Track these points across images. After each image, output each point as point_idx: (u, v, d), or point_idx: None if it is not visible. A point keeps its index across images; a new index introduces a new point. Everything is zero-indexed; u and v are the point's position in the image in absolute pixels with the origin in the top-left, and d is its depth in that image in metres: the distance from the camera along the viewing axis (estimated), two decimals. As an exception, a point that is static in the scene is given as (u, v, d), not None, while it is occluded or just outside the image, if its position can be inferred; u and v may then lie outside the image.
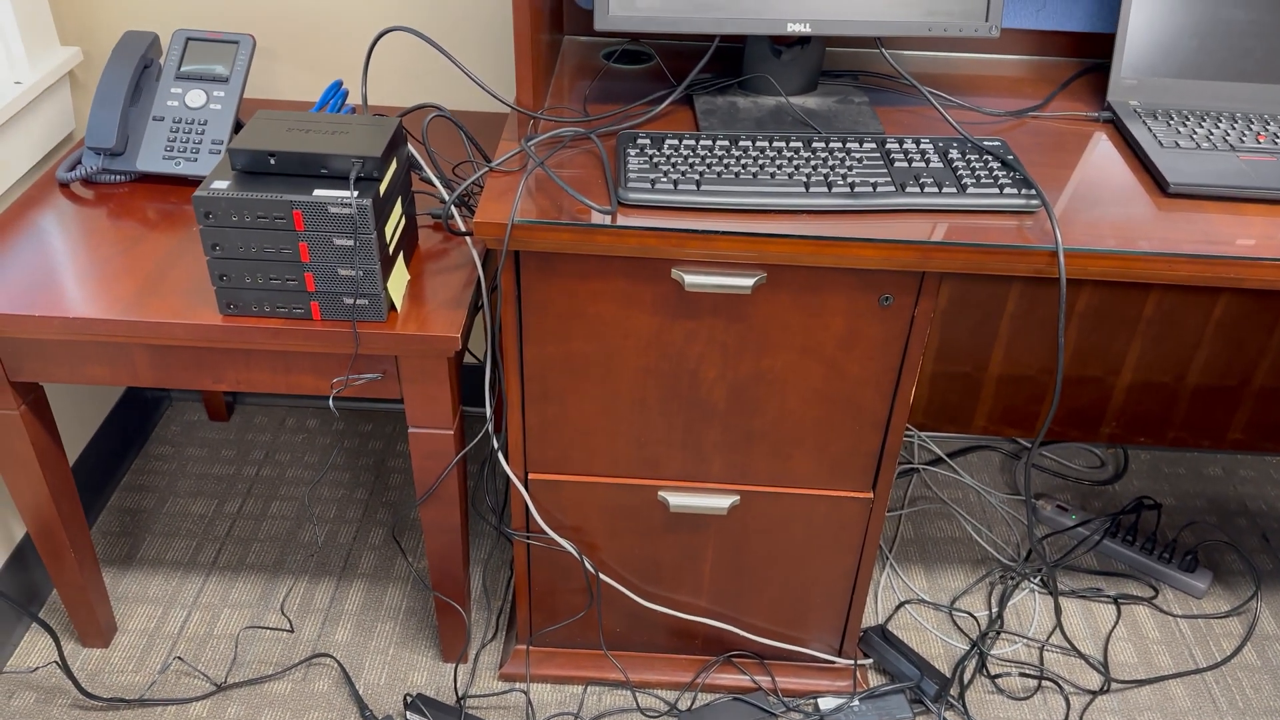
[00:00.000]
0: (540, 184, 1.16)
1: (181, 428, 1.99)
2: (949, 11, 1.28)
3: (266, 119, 1.17)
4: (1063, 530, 1.83)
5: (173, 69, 1.41)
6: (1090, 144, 1.32)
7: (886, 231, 1.10)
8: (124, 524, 1.78)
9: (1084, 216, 1.15)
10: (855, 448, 1.30)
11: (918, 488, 1.92)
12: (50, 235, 1.31)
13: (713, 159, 1.18)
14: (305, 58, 1.62)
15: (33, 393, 1.30)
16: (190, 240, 1.30)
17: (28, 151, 1.52)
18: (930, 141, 1.23)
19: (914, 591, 1.72)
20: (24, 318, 1.17)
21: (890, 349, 1.21)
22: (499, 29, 1.58)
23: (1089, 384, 1.83)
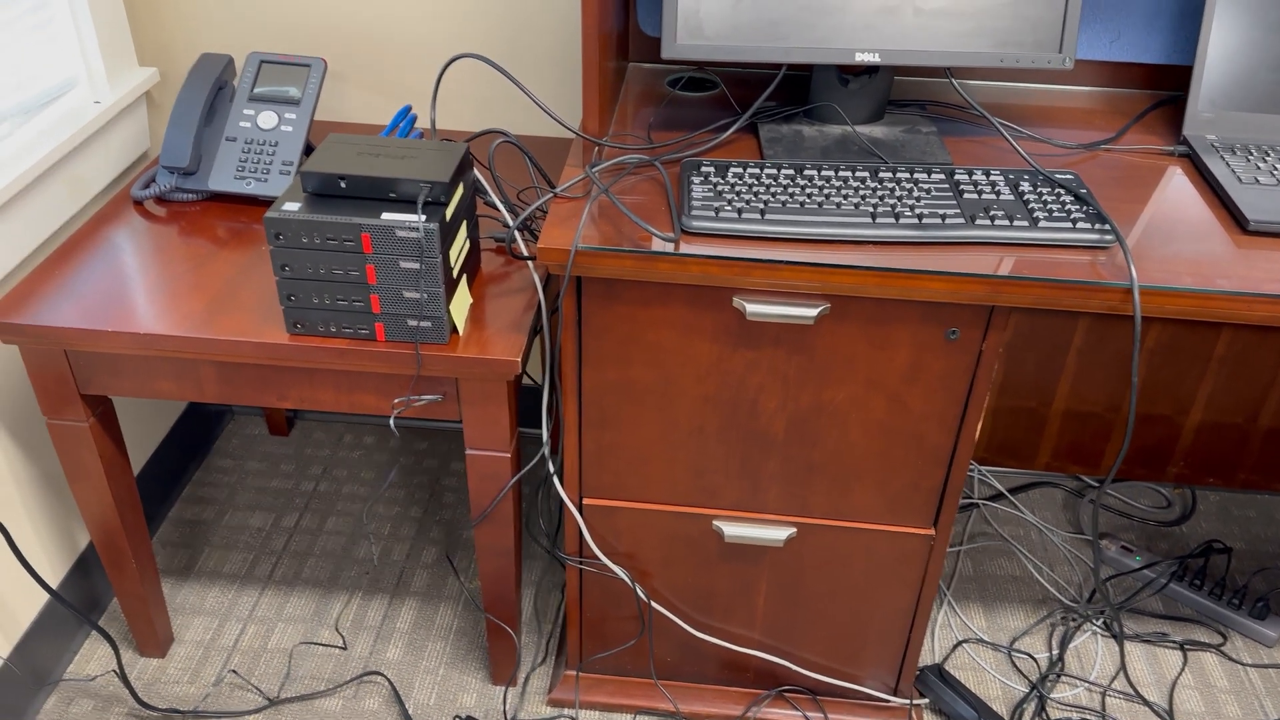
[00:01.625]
0: (604, 210, 1.16)
1: (242, 441, 2.02)
2: (1021, 43, 1.26)
3: (338, 143, 1.18)
4: (1127, 572, 1.78)
5: (246, 91, 1.44)
6: (1165, 178, 1.29)
7: (955, 264, 1.09)
8: (183, 535, 1.81)
9: (1159, 253, 1.13)
10: (917, 483, 1.27)
11: (977, 523, 1.88)
12: (124, 251, 1.34)
13: (777, 188, 1.17)
14: (373, 81, 1.64)
15: (102, 405, 1.33)
16: (258, 259, 1.32)
17: (104, 169, 1.56)
18: (1000, 173, 1.21)
19: (972, 630, 1.68)
20: (96, 332, 1.20)
21: (956, 383, 1.18)
22: (564, 54, 1.59)
23: (1157, 422, 1.78)
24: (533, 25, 1.56)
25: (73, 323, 1.20)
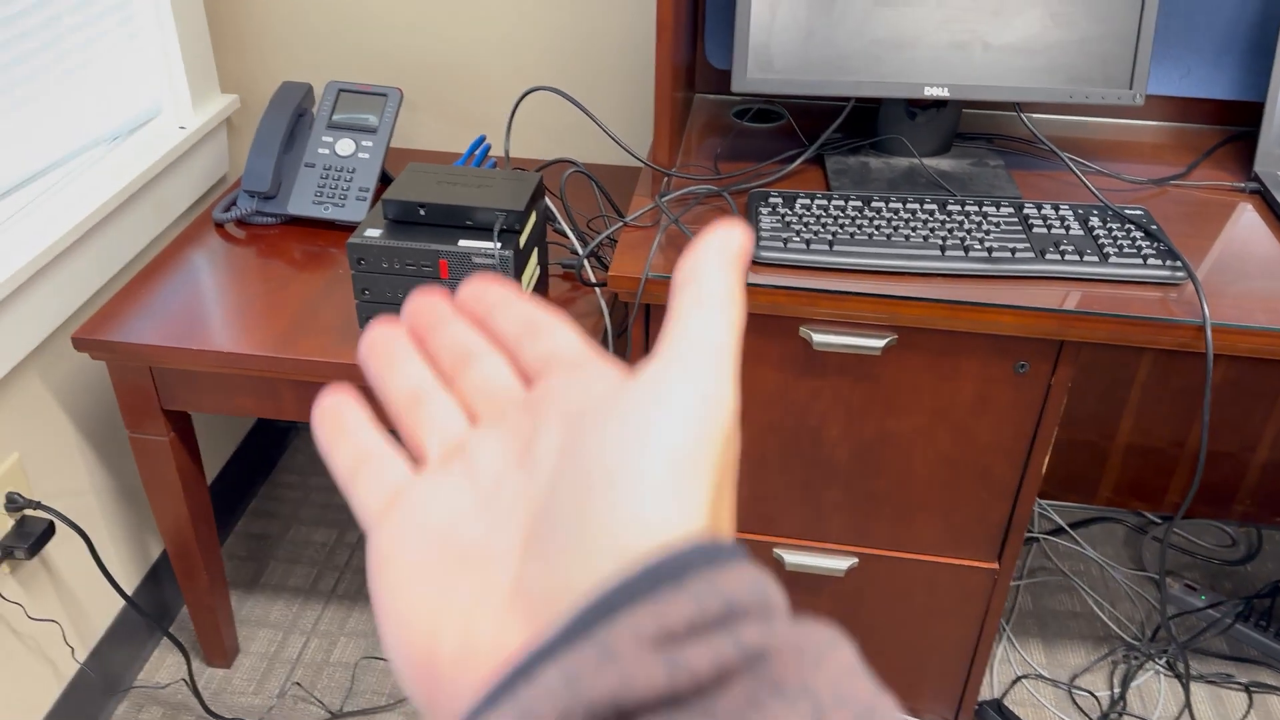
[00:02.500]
0: (672, 240, 1.18)
1: (307, 457, 2.06)
2: (1091, 79, 1.26)
3: (417, 171, 1.22)
4: (1191, 611, 1.75)
5: (325, 118, 1.49)
6: (1235, 215, 1.28)
7: (1025, 298, 1.09)
8: (250, 549, 1.85)
9: (1231, 290, 1.12)
10: (981, 516, 1.27)
11: (1037, 558, 1.86)
12: (205, 272, 1.39)
13: (845, 219, 1.18)
14: (447, 110, 1.68)
15: (181, 421, 1.37)
16: (335, 282, 1.36)
17: (187, 192, 1.62)
18: (1070, 208, 1.21)
19: (1032, 666, 1.66)
20: (180, 350, 1.24)
21: (1023, 417, 1.18)
22: (634, 85, 1.62)
23: (1222, 459, 1.75)
24: (603, 56, 1.60)
25: (157, 340, 1.25)
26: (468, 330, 0.32)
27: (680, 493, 0.23)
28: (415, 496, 0.29)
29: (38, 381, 1.36)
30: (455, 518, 0.28)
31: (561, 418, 0.28)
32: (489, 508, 0.28)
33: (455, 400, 0.32)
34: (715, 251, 0.27)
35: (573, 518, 0.24)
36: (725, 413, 0.25)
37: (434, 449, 0.30)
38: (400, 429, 0.31)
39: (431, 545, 0.27)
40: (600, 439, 0.25)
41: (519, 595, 0.25)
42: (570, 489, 0.25)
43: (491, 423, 0.30)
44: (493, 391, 0.31)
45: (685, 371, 0.25)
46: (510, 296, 0.33)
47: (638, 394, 0.25)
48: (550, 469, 0.27)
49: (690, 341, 0.26)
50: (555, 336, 0.31)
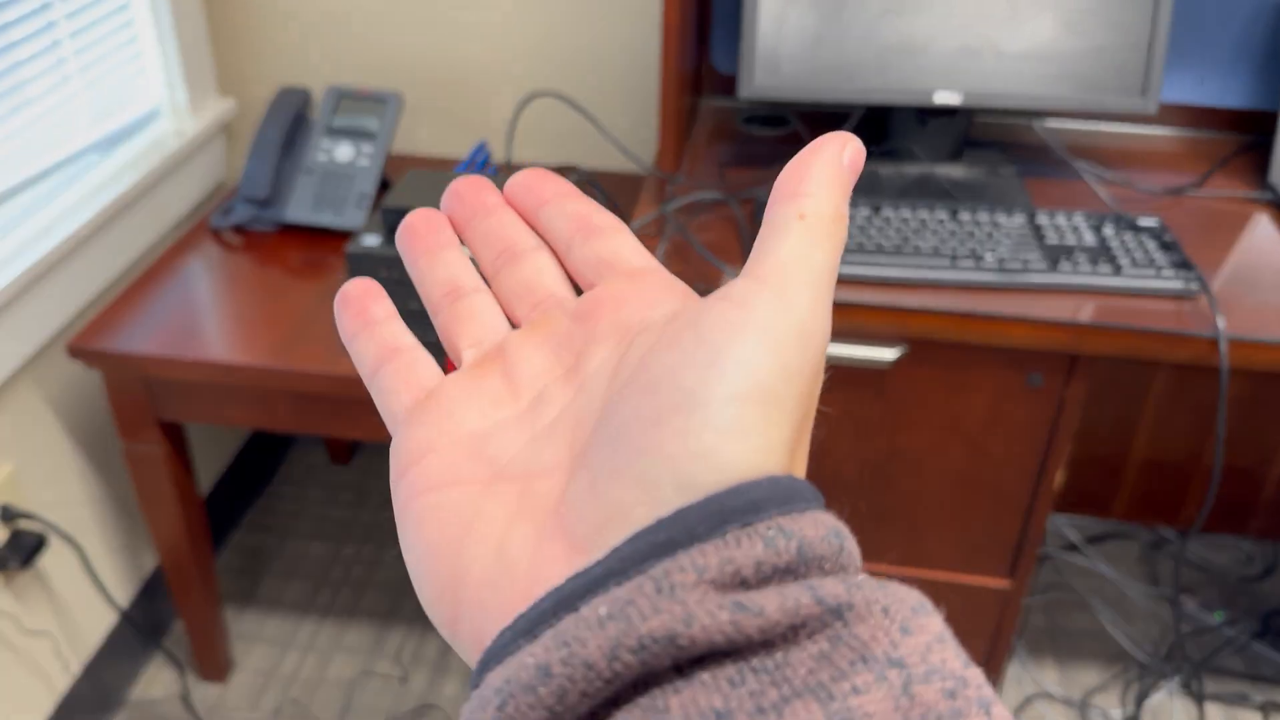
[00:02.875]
0: (677, 248, 1.16)
1: (303, 470, 2.04)
2: (1104, 86, 1.24)
3: (417, 178, 1.20)
4: (1207, 629, 1.72)
5: (324, 124, 1.46)
6: (1250, 225, 1.25)
7: (1037, 310, 1.06)
8: (245, 562, 1.82)
9: (1247, 302, 1.09)
10: (994, 533, 1.24)
11: (1051, 575, 1.83)
12: (202, 280, 1.37)
13: (854, 228, 1.16)
14: (447, 114, 1.66)
15: (175, 431, 1.35)
16: (333, 290, 1.34)
17: (183, 198, 1.59)
18: (1083, 217, 1.19)
19: (1045, 685, 1.63)
20: (174, 360, 1.22)
21: (1036, 431, 1.16)
22: (638, 89, 1.59)
23: (1239, 474, 1.72)
24: (607, 61, 1.58)
25: (152, 350, 1.23)
26: (515, 222, 0.30)
27: (759, 428, 0.21)
28: (447, 398, 0.26)
29: (32, 391, 1.33)
30: (492, 427, 0.26)
31: (618, 331, 0.26)
32: (531, 420, 0.25)
33: (496, 298, 0.29)
34: (826, 162, 0.24)
35: (633, 440, 0.22)
36: (817, 347, 0.23)
37: (470, 350, 0.28)
38: (435, 322, 0.29)
39: (464, 453, 0.25)
40: (672, 359, 0.22)
41: (563, 515, 0.23)
42: (632, 409, 0.22)
43: (536, 327, 0.28)
44: (538, 292, 0.29)
45: (780, 295, 0.22)
46: (565, 190, 0.30)
47: (720, 313, 0.22)
48: (604, 387, 0.24)
49: (788, 263, 0.23)
50: (612, 240, 0.28)
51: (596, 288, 0.27)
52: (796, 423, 0.22)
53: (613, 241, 0.28)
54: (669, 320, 0.24)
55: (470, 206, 0.30)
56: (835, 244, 0.24)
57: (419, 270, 0.30)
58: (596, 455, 0.23)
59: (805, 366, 0.22)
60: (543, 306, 0.28)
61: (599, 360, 0.25)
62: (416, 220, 0.30)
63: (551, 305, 0.28)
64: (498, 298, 0.29)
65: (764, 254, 0.23)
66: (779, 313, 0.22)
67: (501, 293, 0.29)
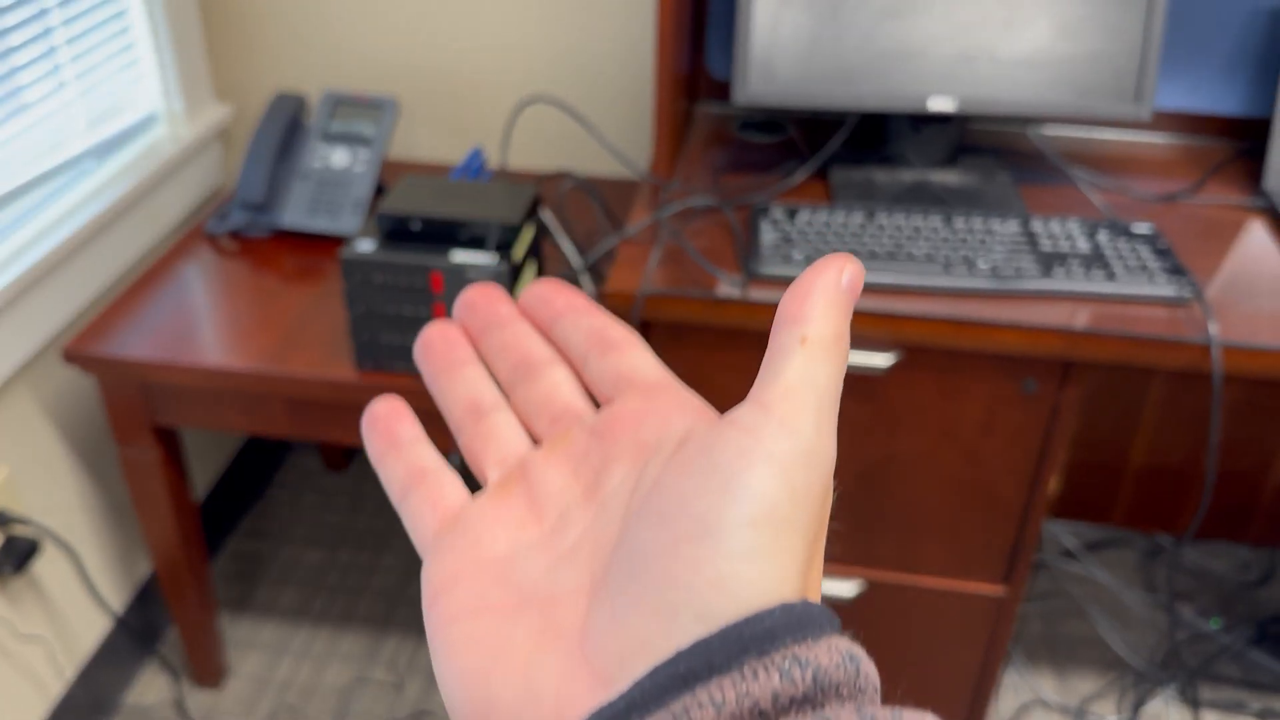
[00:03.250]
0: (671, 254, 1.16)
1: (299, 476, 2.03)
2: (1099, 92, 1.24)
3: (411, 184, 1.20)
4: (1203, 635, 1.71)
5: (320, 129, 1.47)
6: (1244, 232, 1.25)
7: (1031, 316, 1.06)
8: (240, 568, 1.82)
9: (1241, 309, 1.09)
10: (989, 539, 1.24)
11: (1048, 581, 1.83)
12: (197, 285, 1.37)
13: (848, 234, 1.16)
14: (443, 119, 1.66)
15: (171, 436, 1.34)
16: (328, 295, 1.34)
17: (180, 203, 1.60)
18: (1077, 223, 1.19)
19: (1041, 692, 1.63)
20: (169, 365, 1.22)
21: (1031, 437, 1.16)
22: (633, 94, 1.60)
23: (1236, 480, 1.72)
24: (602, 67, 1.58)
25: (148, 355, 1.22)
26: (530, 334, 0.31)
27: (771, 553, 0.22)
28: (473, 523, 0.27)
29: (27, 396, 1.33)
30: (516, 551, 0.26)
31: (635, 449, 0.26)
32: (553, 543, 0.26)
33: (516, 414, 0.30)
34: (824, 286, 0.25)
35: (651, 569, 0.22)
36: (824, 468, 0.24)
37: (494, 470, 0.29)
38: (459, 441, 0.30)
39: (491, 580, 0.26)
40: (685, 486, 0.23)
41: (587, 645, 0.23)
42: (649, 537, 0.23)
43: (556, 445, 0.28)
44: (557, 409, 0.29)
45: (785, 421, 0.23)
46: (580, 304, 0.30)
47: (730, 440, 0.23)
48: (623, 508, 0.25)
49: (791, 387, 0.24)
50: (628, 354, 0.29)
51: (614, 404, 0.28)
52: (808, 543, 0.23)
53: (629, 357, 0.29)
54: (682, 441, 0.25)
55: (484, 317, 0.31)
56: (837, 365, 0.25)
57: (439, 388, 0.30)
58: (616, 584, 0.23)
59: (813, 488, 0.23)
60: (561, 422, 0.29)
61: (617, 480, 0.26)
62: (433, 337, 0.31)
63: (570, 421, 0.29)
64: (516, 411, 0.30)
65: (769, 379, 0.24)
66: (785, 439, 0.23)
67: (520, 407, 0.30)
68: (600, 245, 1.32)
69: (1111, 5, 1.21)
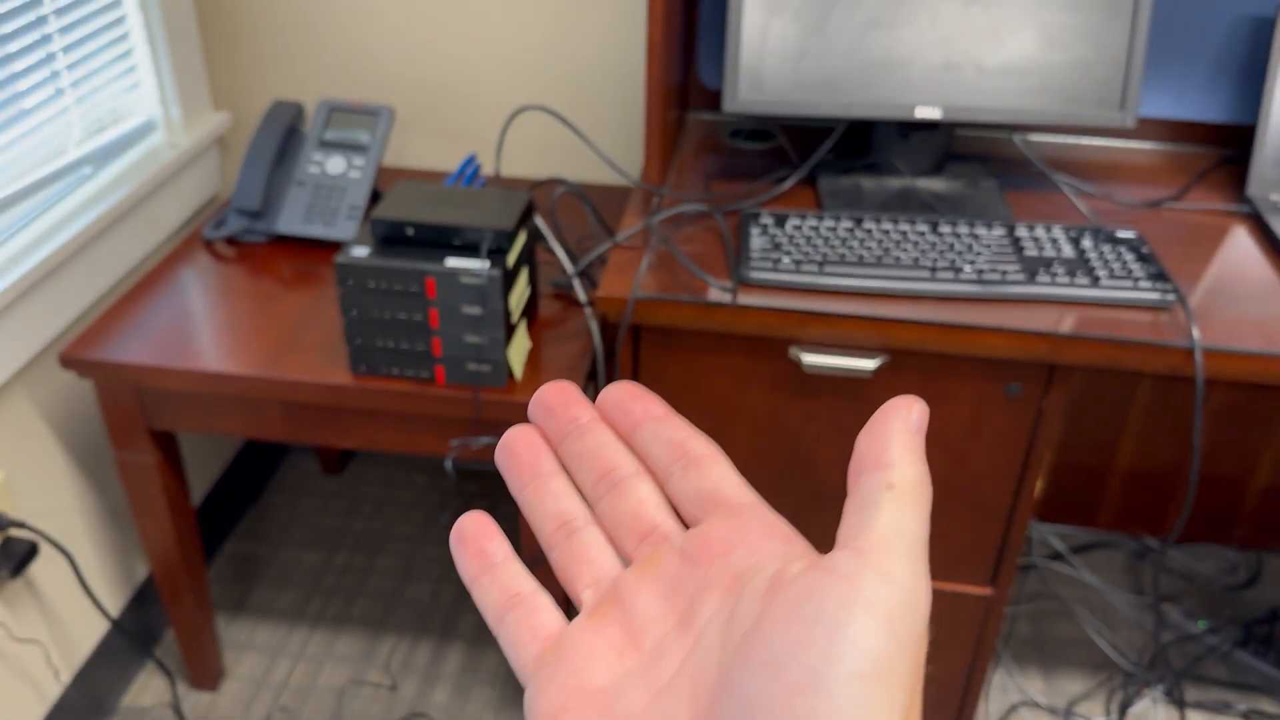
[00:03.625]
0: (662, 260, 1.17)
1: (296, 479, 2.05)
2: (1084, 100, 1.26)
3: (405, 190, 1.21)
4: (1190, 637, 1.73)
5: (316, 136, 1.48)
6: (1228, 238, 1.27)
7: (1016, 320, 1.08)
8: (237, 571, 1.83)
9: (1223, 314, 1.11)
10: (975, 541, 1.26)
11: (1036, 584, 1.84)
12: (194, 291, 1.38)
13: (836, 240, 1.18)
14: (438, 127, 1.68)
15: (167, 440, 1.36)
16: (323, 300, 1.36)
17: (177, 210, 1.61)
18: (1062, 229, 1.21)
19: (1029, 694, 1.64)
20: (167, 370, 1.23)
21: (1016, 440, 1.17)
22: (626, 102, 1.61)
23: (1221, 483, 1.74)
24: (595, 75, 1.60)
25: (145, 360, 1.24)
26: (611, 443, 0.31)
27: (879, 704, 0.22)
28: (574, 651, 0.28)
29: (24, 400, 1.35)
30: (618, 682, 0.27)
31: (727, 578, 0.27)
32: (652, 674, 0.27)
33: (600, 524, 0.31)
34: (900, 429, 0.26)
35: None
36: (923, 614, 0.24)
37: (588, 592, 0.29)
38: (550, 556, 0.31)
39: (595, 712, 0.27)
40: (791, 635, 0.23)
41: None
42: (760, 687, 0.23)
43: (647, 568, 0.29)
44: (644, 526, 0.30)
45: (882, 569, 0.24)
46: (658, 412, 0.31)
47: (831, 589, 0.24)
48: (719, 643, 0.26)
49: (884, 536, 0.24)
50: (712, 472, 0.29)
51: (702, 526, 0.29)
52: (910, 691, 0.24)
53: (713, 474, 0.29)
54: (777, 579, 0.25)
55: (563, 422, 0.31)
56: (924, 507, 0.25)
57: (526, 500, 0.31)
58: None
59: (913, 635, 0.24)
60: (650, 541, 0.29)
61: (710, 610, 0.27)
62: (517, 443, 0.31)
63: (658, 540, 0.29)
64: (601, 524, 0.31)
65: (862, 526, 0.25)
66: (884, 587, 0.24)
67: (606, 521, 0.30)
68: (592, 251, 1.34)
69: (1096, 14, 1.23)
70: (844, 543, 0.25)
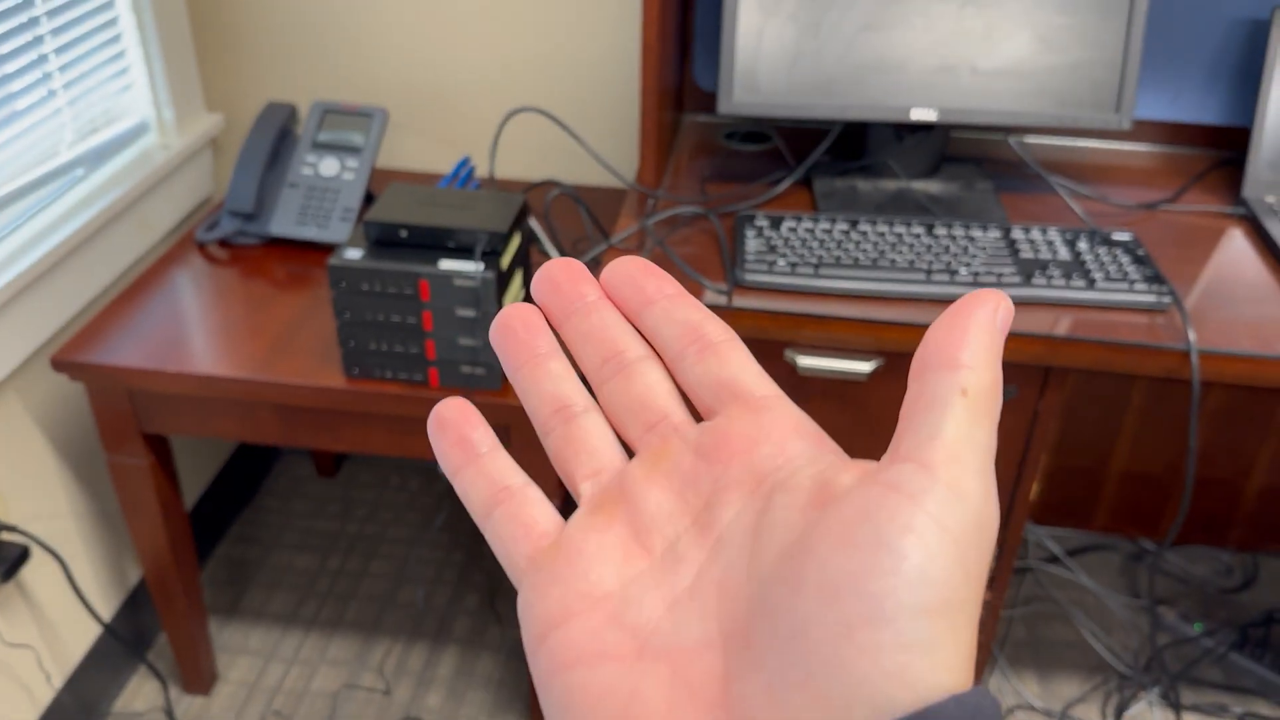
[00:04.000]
0: (657, 262, 1.17)
1: (289, 482, 2.04)
2: (1079, 102, 1.26)
3: (399, 192, 1.21)
4: (1186, 639, 1.73)
5: (309, 138, 1.48)
6: (1224, 241, 1.27)
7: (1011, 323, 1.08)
8: (230, 574, 1.82)
9: (1218, 316, 1.11)
10: (969, 543, 1.25)
11: (1032, 587, 1.84)
12: (187, 293, 1.38)
13: (831, 242, 1.17)
14: (432, 129, 1.67)
15: (160, 443, 1.35)
16: (316, 303, 1.35)
17: (170, 212, 1.60)
18: (1057, 231, 1.20)
19: (1025, 697, 1.64)
20: (159, 373, 1.23)
21: (1012, 443, 1.17)
22: (621, 104, 1.61)
23: (1217, 485, 1.74)
24: (589, 77, 1.59)
25: (137, 363, 1.23)
26: (619, 323, 0.28)
27: (947, 640, 0.20)
28: (575, 550, 0.25)
29: (16, 403, 1.34)
30: (626, 585, 0.25)
31: (751, 478, 0.24)
32: (667, 579, 0.24)
33: (603, 410, 0.28)
34: (982, 328, 0.23)
35: (819, 652, 0.21)
36: (992, 538, 0.22)
37: (587, 484, 0.27)
38: (545, 443, 0.28)
39: (603, 618, 0.24)
40: (851, 561, 0.21)
41: (735, 715, 0.22)
42: (814, 613, 0.21)
43: (656, 461, 0.26)
44: (652, 415, 0.27)
45: (954, 487, 0.21)
46: (671, 290, 0.28)
47: (895, 509, 0.21)
48: (745, 548, 0.23)
49: (956, 446, 0.22)
50: (730, 359, 0.26)
51: (718, 419, 0.26)
52: (974, 620, 0.21)
53: (731, 362, 0.26)
54: (823, 490, 0.23)
55: (568, 299, 0.28)
56: (995, 418, 0.23)
57: (521, 381, 0.28)
58: (771, 656, 0.21)
59: (983, 562, 0.21)
60: (658, 430, 0.27)
61: (732, 513, 0.24)
62: (513, 321, 0.28)
63: (667, 431, 0.27)
64: (605, 410, 0.28)
65: (928, 434, 0.22)
66: (955, 507, 0.21)
67: (610, 406, 0.28)
68: (587, 253, 1.34)
69: (1092, 16, 1.23)
70: (907, 453, 0.22)
